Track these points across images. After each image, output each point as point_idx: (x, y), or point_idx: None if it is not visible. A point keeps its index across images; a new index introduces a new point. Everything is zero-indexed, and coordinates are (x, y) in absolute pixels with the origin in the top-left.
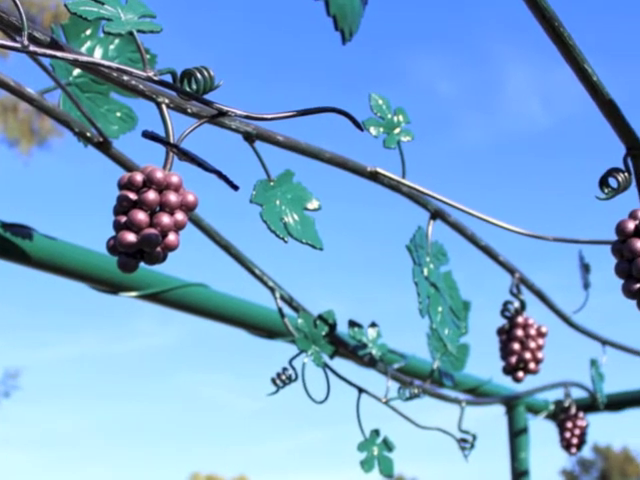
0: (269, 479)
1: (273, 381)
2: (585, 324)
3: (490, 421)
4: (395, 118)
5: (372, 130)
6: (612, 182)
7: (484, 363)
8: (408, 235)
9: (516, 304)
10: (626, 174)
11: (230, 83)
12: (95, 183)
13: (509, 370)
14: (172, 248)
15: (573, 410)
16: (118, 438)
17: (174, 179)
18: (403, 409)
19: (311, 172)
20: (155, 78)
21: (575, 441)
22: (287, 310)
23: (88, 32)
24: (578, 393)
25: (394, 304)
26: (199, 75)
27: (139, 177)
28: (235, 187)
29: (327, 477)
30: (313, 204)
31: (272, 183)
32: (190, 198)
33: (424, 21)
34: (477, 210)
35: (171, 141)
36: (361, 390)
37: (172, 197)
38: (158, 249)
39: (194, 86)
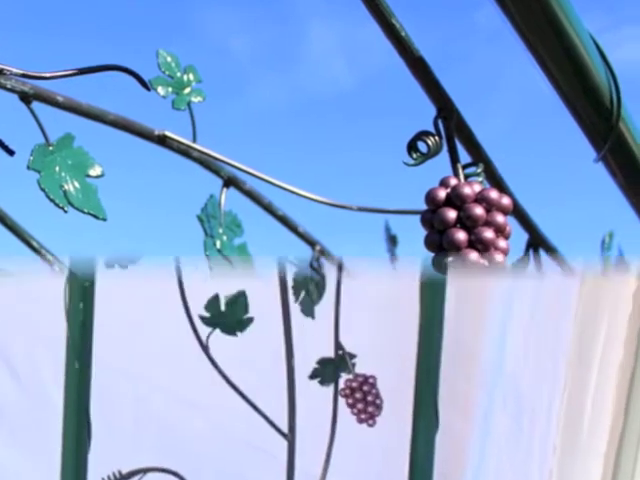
0: None
1: None
2: None
3: None
4: (185, 77)
5: (160, 90)
6: (421, 147)
7: None
8: (199, 204)
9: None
10: (436, 138)
11: (4, 38)
12: None
13: None
14: None
15: None
16: None
17: None
18: None
19: (95, 136)
20: None
21: None
22: None
23: None
24: None
25: None
26: None
27: None
28: (11, 152)
29: None
30: (95, 170)
31: (51, 148)
32: None
33: None
34: (275, 177)
35: None
36: None
37: None
38: None
39: None
